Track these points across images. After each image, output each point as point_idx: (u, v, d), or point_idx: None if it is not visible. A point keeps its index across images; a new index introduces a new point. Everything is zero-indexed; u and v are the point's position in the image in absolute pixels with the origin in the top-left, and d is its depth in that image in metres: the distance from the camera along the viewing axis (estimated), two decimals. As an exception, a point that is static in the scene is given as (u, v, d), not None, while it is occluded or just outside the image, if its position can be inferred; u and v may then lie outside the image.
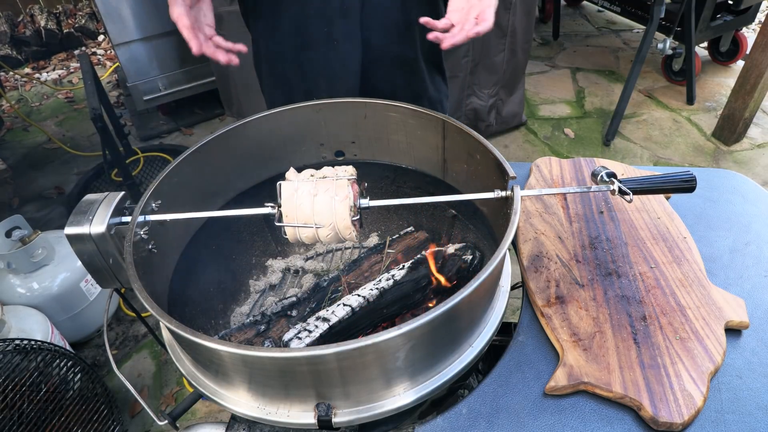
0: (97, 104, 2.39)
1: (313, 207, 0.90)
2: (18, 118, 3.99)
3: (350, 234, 0.92)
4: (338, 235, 0.92)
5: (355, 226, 0.92)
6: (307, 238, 0.93)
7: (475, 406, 0.89)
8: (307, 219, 0.90)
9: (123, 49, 3.28)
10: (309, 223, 0.90)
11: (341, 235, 0.92)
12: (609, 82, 4.07)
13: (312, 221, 0.90)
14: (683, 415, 0.83)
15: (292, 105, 1.16)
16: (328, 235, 0.92)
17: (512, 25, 3.00)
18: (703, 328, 0.95)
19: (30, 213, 3.09)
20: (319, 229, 0.91)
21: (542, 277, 1.07)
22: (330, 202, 0.90)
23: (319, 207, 0.90)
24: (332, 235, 0.92)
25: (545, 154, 3.37)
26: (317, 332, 0.95)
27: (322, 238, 0.92)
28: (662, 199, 1.25)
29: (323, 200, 0.90)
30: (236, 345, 0.71)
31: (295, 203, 0.91)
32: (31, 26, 4.94)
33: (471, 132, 1.03)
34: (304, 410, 0.81)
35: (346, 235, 0.92)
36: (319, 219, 0.90)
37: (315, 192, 0.91)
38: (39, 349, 1.68)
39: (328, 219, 0.90)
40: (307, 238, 0.93)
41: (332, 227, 0.91)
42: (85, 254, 0.90)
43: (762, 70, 2.99)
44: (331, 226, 0.91)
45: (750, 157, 3.28)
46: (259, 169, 1.23)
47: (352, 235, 0.92)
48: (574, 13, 5.15)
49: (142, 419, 2.09)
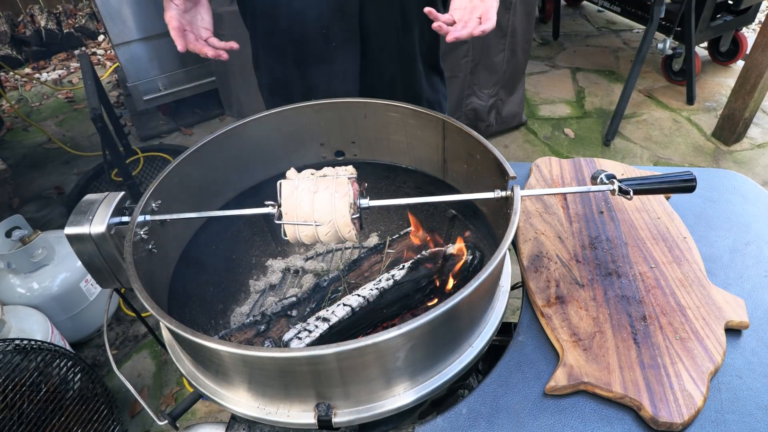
0: (97, 104, 2.39)
1: (313, 204, 0.90)
2: (18, 118, 3.99)
3: (350, 232, 0.92)
4: (338, 233, 0.92)
5: (354, 224, 0.92)
6: (307, 237, 0.93)
7: (475, 406, 0.89)
8: (306, 217, 0.90)
9: (123, 49, 3.28)
10: (309, 221, 0.90)
11: (341, 233, 0.92)
12: (609, 82, 4.07)
13: (312, 219, 0.90)
14: (683, 415, 0.83)
15: (292, 105, 1.16)
16: (328, 233, 0.92)
17: (512, 25, 3.00)
18: (703, 328, 0.95)
19: (30, 213, 3.09)
20: (319, 227, 0.91)
21: (542, 277, 1.07)
22: (330, 198, 0.90)
23: (319, 204, 0.90)
24: (332, 233, 0.92)
25: (545, 154, 3.37)
26: (317, 332, 0.95)
27: (321, 236, 0.92)
28: (662, 199, 1.25)
29: (323, 197, 0.90)
30: (236, 345, 0.71)
31: (295, 200, 0.91)
32: (31, 26, 4.94)
33: (471, 132, 1.03)
34: (304, 410, 0.81)
35: (346, 234, 0.92)
36: (319, 216, 0.90)
37: (315, 189, 0.91)
38: (39, 349, 1.68)
39: (328, 216, 0.90)
40: (307, 237, 0.93)
41: (332, 224, 0.91)
42: (85, 254, 0.90)
43: (762, 70, 2.99)
44: (330, 223, 0.91)
45: (750, 157, 3.28)
46: (259, 169, 1.23)
47: (352, 233, 0.92)
48: (574, 13, 5.15)
49: (142, 419, 2.09)
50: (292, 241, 0.94)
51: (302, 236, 0.93)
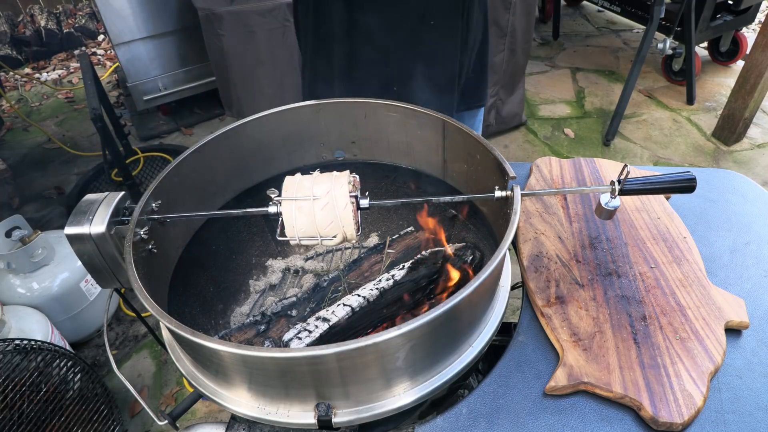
0: (97, 104, 2.39)
1: (313, 189, 0.89)
2: (18, 118, 3.99)
3: (347, 210, 0.89)
4: (335, 210, 0.90)
5: (353, 209, 0.91)
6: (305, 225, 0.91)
7: (475, 406, 0.89)
8: (308, 218, 0.90)
9: (123, 49, 3.28)
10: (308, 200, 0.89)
11: (339, 214, 0.89)
12: (609, 82, 4.07)
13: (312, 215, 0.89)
14: (683, 415, 0.83)
15: (292, 105, 1.16)
16: (327, 214, 0.90)
17: (512, 25, 3.00)
18: (703, 328, 0.95)
19: (30, 213, 3.09)
20: (317, 203, 0.88)
21: (542, 277, 1.07)
22: (329, 179, 0.90)
23: (318, 189, 0.90)
24: (331, 214, 0.90)
25: (545, 154, 3.37)
26: (317, 332, 0.95)
27: (317, 213, 0.90)
28: (662, 199, 1.25)
29: (322, 179, 0.90)
30: (236, 345, 0.71)
31: (296, 185, 0.90)
32: (31, 26, 4.95)
33: (471, 132, 1.03)
34: (304, 410, 0.81)
35: (344, 213, 0.89)
36: (317, 191, 0.89)
37: (314, 181, 0.91)
38: (39, 349, 1.68)
39: (326, 195, 0.89)
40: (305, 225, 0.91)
41: (330, 195, 0.89)
42: (85, 254, 0.90)
43: (762, 70, 2.99)
44: (329, 194, 0.89)
45: (750, 157, 3.28)
46: (259, 169, 1.23)
47: (350, 220, 0.89)
48: (574, 13, 5.15)
49: (142, 419, 2.09)
50: (291, 241, 0.94)
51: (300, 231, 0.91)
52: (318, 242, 0.91)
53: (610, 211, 0.96)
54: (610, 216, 0.98)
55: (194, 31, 3.20)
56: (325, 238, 0.90)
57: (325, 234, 0.91)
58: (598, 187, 0.95)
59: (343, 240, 0.92)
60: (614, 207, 0.95)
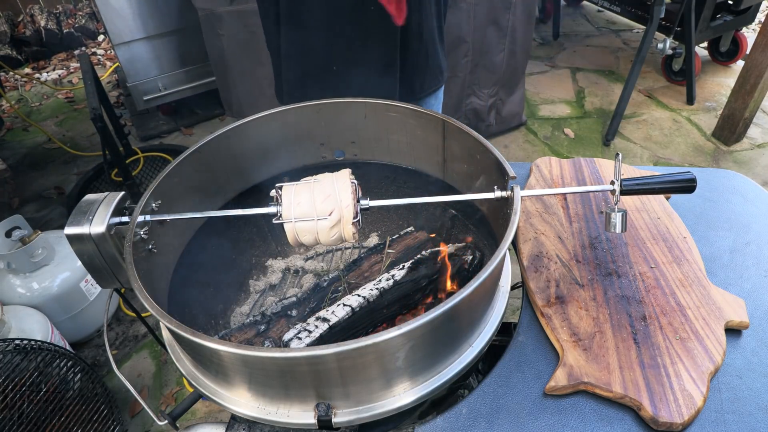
0: (97, 104, 2.39)
1: (314, 195, 0.90)
2: (18, 118, 3.99)
3: (345, 186, 0.90)
4: (337, 200, 0.89)
5: (352, 190, 0.91)
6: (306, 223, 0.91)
7: (475, 406, 0.89)
8: (308, 211, 0.90)
9: (123, 49, 3.28)
10: (310, 215, 0.89)
11: (341, 208, 0.89)
12: (609, 82, 4.07)
13: (313, 210, 0.89)
14: (683, 415, 0.83)
15: (292, 105, 1.16)
16: (325, 188, 0.91)
17: (512, 25, 2.99)
18: (703, 328, 0.95)
19: (30, 213, 3.09)
20: (317, 184, 0.89)
21: (542, 277, 1.07)
22: (330, 175, 0.91)
23: (318, 192, 0.90)
24: (329, 188, 0.90)
25: (545, 154, 3.37)
26: (317, 332, 0.95)
27: (317, 204, 0.89)
28: (662, 199, 1.25)
29: (323, 175, 0.91)
30: (236, 345, 0.71)
31: (295, 188, 0.91)
32: (31, 26, 4.94)
33: (471, 132, 1.03)
34: (304, 410, 0.81)
35: (345, 206, 0.89)
36: (319, 190, 0.90)
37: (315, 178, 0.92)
38: (39, 349, 1.68)
39: (330, 189, 0.90)
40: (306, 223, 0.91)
41: (332, 186, 0.90)
42: (85, 254, 0.90)
43: (762, 70, 2.99)
44: (330, 183, 0.90)
45: (750, 157, 3.28)
46: (259, 169, 1.23)
47: (348, 198, 0.90)
48: (574, 13, 5.15)
49: (142, 419, 2.09)
50: (292, 243, 0.94)
51: (301, 232, 0.91)
52: (314, 221, 0.90)
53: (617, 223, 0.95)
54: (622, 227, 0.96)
55: (194, 31, 3.20)
56: (321, 218, 0.90)
57: (321, 212, 0.90)
58: (598, 187, 0.95)
59: (339, 220, 0.91)
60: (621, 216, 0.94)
